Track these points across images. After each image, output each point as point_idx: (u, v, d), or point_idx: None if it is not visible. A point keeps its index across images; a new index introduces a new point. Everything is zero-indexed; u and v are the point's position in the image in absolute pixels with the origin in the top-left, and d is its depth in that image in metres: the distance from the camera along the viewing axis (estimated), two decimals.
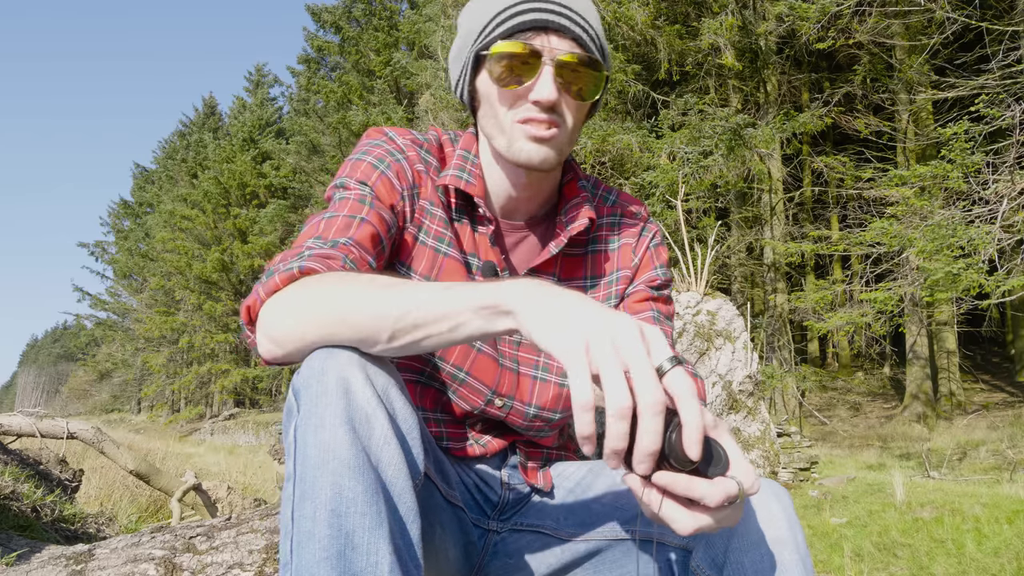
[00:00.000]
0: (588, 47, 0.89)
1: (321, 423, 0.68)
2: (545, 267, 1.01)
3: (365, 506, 0.66)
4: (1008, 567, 3.87)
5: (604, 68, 0.92)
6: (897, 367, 17.04)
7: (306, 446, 0.68)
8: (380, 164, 0.95)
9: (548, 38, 0.88)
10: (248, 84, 35.37)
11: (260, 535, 1.29)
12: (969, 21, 10.98)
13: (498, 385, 0.99)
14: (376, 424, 0.70)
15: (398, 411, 0.73)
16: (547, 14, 0.88)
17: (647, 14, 12.92)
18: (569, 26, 0.88)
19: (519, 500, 1.06)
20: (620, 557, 0.91)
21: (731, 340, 2.71)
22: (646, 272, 1.07)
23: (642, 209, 1.10)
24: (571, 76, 0.89)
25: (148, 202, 39.58)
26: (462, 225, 0.99)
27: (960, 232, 9.22)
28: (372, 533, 0.65)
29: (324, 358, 0.72)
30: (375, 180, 0.93)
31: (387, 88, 21.99)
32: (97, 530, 2.46)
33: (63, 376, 66.00)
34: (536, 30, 0.88)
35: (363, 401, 0.70)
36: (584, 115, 0.95)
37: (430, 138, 1.02)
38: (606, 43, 0.95)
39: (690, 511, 0.62)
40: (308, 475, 0.67)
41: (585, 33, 0.89)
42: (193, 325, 28.91)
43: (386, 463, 0.70)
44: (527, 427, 1.03)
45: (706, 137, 11.98)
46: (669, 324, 1.08)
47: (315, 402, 0.69)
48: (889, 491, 6.02)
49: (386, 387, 0.73)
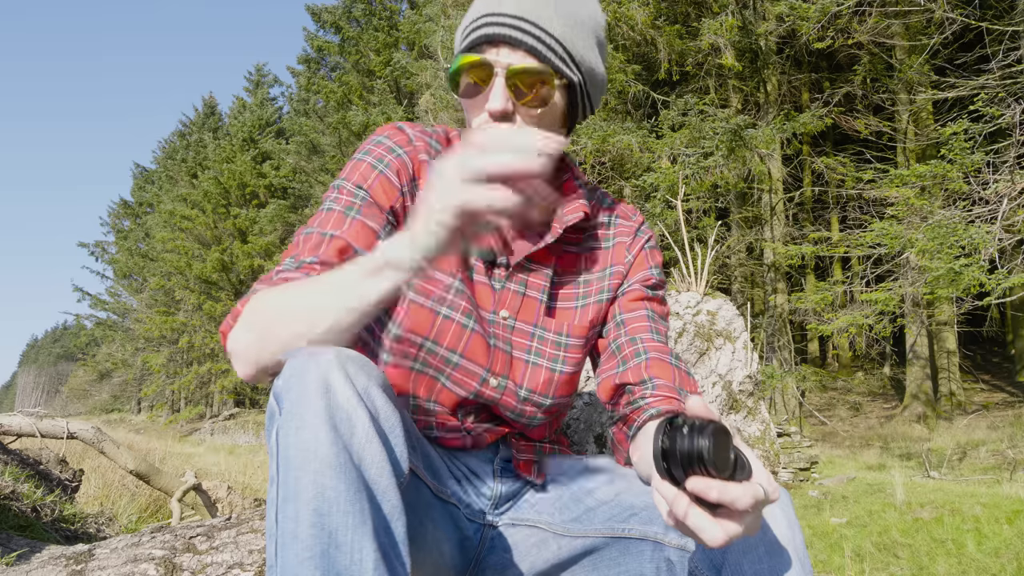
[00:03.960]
0: (543, 56, 0.92)
1: (302, 423, 0.68)
2: (541, 256, 1.04)
3: (348, 505, 0.66)
4: (1008, 567, 3.87)
5: (568, 76, 0.94)
6: (897, 367, 17.03)
7: (287, 447, 0.68)
8: (379, 164, 0.98)
9: (499, 50, 0.92)
10: (248, 84, 35.37)
11: (260, 535, 1.29)
12: (969, 21, 10.97)
13: (492, 364, 1.00)
14: (358, 423, 0.70)
15: (380, 409, 0.74)
16: (499, 27, 0.91)
17: (647, 14, 12.91)
18: (521, 37, 0.91)
19: (512, 493, 1.06)
20: (617, 556, 0.91)
21: (731, 340, 2.71)
22: (640, 271, 1.10)
23: (638, 214, 1.15)
24: (524, 86, 0.92)
25: (148, 202, 39.56)
26: None
27: (960, 232, 9.22)
28: (355, 532, 0.65)
29: (304, 360, 0.72)
30: (372, 181, 0.96)
31: (387, 88, 21.98)
32: (97, 530, 2.46)
33: (63, 376, 66.01)
34: (491, 43, 0.92)
35: (344, 400, 0.70)
36: (550, 122, 0.97)
37: (439, 130, 1.07)
38: (586, 47, 0.97)
39: (718, 520, 0.62)
40: (290, 476, 0.66)
41: (540, 43, 0.91)
42: (193, 325, 28.89)
43: (368, 461, 0.69)
44: (519, 412, 1.04)
45: (706, 138, 11.97)
46: (664, 324, 1.10)
47: (295, 403, 0.69)
48: (889, 491, 6.02)
49: (367, 386, 0.73)
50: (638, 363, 1.01)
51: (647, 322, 1.06)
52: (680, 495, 0.63)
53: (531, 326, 1.03)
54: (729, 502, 0.61)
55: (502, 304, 1.02)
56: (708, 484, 0.61)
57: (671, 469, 0.63)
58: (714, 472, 0.61)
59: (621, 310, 1.07)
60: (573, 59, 0.95)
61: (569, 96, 0.98)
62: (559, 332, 1.04)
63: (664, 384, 0.99)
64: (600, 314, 1.08)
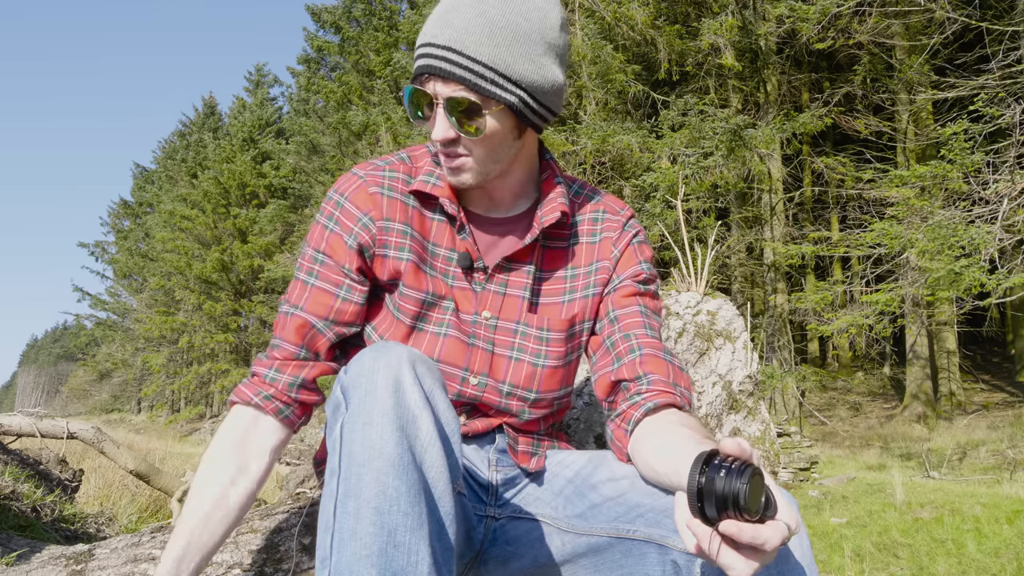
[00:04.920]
0: (473, 85, 0.92)
1: (369, 420, 0.69)
2: (520, 256, 1.07)
3: (408, 506, 0.66)
4: (1008, 567, 3.86)
5: (504, 100, 0.94)
6: (897, 367, 17.03)
7: (352, 443, 0.69)
8: (329, 222, 1.05)
9: (435, 83, 0.94)
10: (248, 84, 35.34)
11: (260, 535, 1.29)
12: (969, 21, 10.97)
13: (470, 363, 1.04)
14: (422, 425, 0.71)
15: (442, 413, 0.75)
16: (432, 59, 0.93)
17: (647, 14, 12.90)
18: (450, 70, 0.92)
19: (509, 482, 1.07)
20: (621, 557, 0.90)
21: (731, 340, 2.71)
22: (630, 266, 1.11)
23: (626, 209, 1.16)
24: (463, 114, 0.94)
25: (148, 202, 39.53)
26: (442, 223, 1.07)
27: (961, 232, 9.21)
28: (414, 533, 0.66)
29: (374, 356, 0.74)
30: (326, 243, 1.04)
31: (387, 88, 21.96)
32: (97, 530, 2.46)
33: (63, 376, 65.96)
34: (429, 74, 0.94)
35: (411, 401, 0.71)
36: (500, 140, 0.98)
37: (398, 156, 1.10)
38: (526, 61, 0.95)
39: (746, 557, 0.64)
40: (353, 472, 0.67)
41: (470, 72, 0.92)
42: (193, 325, 28.86)
43: (429, 464, 0.71)
44: (505, 407, 1.06)
45: (706, 138, 11.97)
46: (657, 319, 1.11)
47: (364, 400, 0.70)
48: (889, 491, 6.01)
49: (432, 388, 0.75)
50: (632, 359, 1.02)
51: (640, 318, 1.07)
52: (714, 535, 0.64)
53: (513, 323, 1.06)
54: (760, 544, 0.62)
55: (483, 305, 1.05)
56: (741, 528, 0.62)
57: (704, 508, 0.64)
58: (747, 516, 0.62)
59: (614, 306, 1.09)
60: (510, 79, 0.94)
61: (512, 115, 0.98)
62: (540, 327, 1.07)
63: (659, 379, 1.00)
64: (586, 309, 1.10)
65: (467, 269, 1.05)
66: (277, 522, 1.32)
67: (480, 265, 1.05)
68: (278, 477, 8.00)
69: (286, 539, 1.27)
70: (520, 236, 1.08)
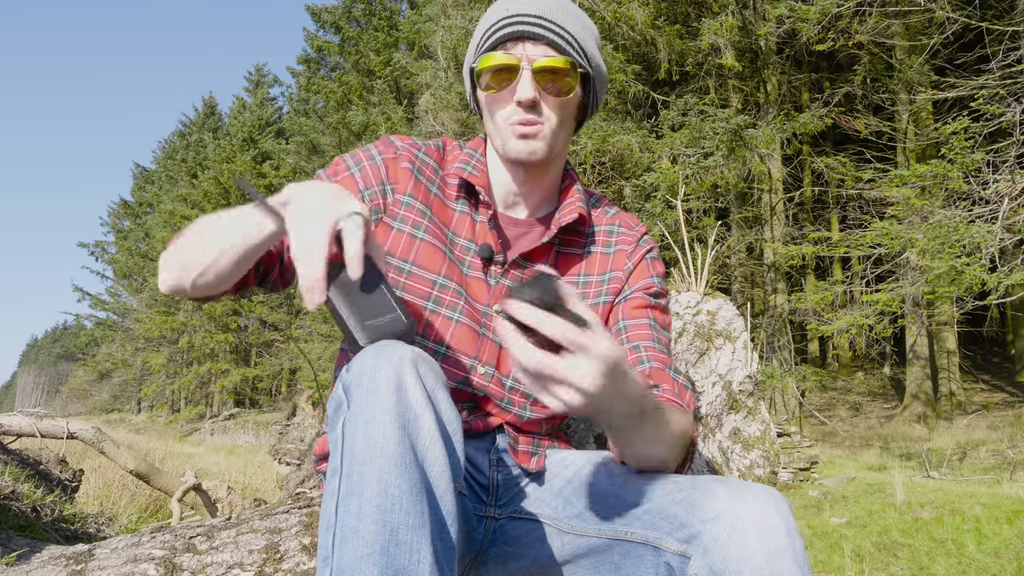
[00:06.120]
0: (564, 50, 1.00)
1: (371, 419, 0.69)
2: (537, 255, 1.10)
3: (410, 504, 0.67)
4: (1008, 567, 3.87)
5: (584, 68, 1.03)
6: (897, 367, 17.03)
7: (354, 441, 0.69)
8: (354, 167, 1.08)
9: (525, 46, 1.00)
10: (248, 84, 35.35)
11: (260, 535, 1.29)
12: (969, 21, 10.97)
13: (479, 352, 1.05)
14: (424, 423, 0.71)
15: (444, 412, 0.75)
16: (523, 25, 1.00)
17: (647, 14, 12.90)
18: (543, 34, 1.00)
19: (510, 482, 1.07)
20: (619, 559, 0.90)
21: (731, 340, 2.70)
22: (642, 279, 1.13)
23: (640, 225, 1.20)
24: (549, 77, 1.00)
25: (148, 202, 39.54)
26: (463, 215, 1.10)
27: (961, 231, 9.21)
28: (415, 532, 0.66)
29: (376, 354, 0.74)
30: (340, 177, 1.07)
31: (387, 88, 21.96)
32: (97, 530, 2.46)
33: (63, 376, 66.00)
34: (515, 40, 1.00)
35: (413, 400, 0.71)
36: (570, 112, 1.06)
37: (435, 143, 1.15)
38: (593, 47, 1.06)
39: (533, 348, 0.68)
40: (355, 470, 0.68)
41: (560, 38, 1.00)
42: (193, 325, 28.88)
43: (431, 463, 0.71)
44: (508, 400, 1.07)
45: (706, 138, 11.97)
46: (666, 335, 1.12)
47: (366, 398, 0.70)
48: (889, 491, 6.01)
49: (434, 387, 0.75)
50: (641, 370, 1.03)
51: (649, 331, 1.08)
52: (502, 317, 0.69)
53: None
54: (534, 323, 0.66)
55: (495, 298, 1.07)
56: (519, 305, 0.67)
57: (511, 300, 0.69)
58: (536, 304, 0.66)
59: (624, 316, 1.10)
60: (586, 55, 1.04)
61: (584, 88, 1.06)
62: None
63: (667, 388, 1.01)
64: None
65: (486, 260, 1.08)
66: (277, 522, 1.32)
67: (499, 259, 1.08)
68: (278, 477, 8.00)
69: (286, 539, 1.27)
70: (538, 238, 1.12)
